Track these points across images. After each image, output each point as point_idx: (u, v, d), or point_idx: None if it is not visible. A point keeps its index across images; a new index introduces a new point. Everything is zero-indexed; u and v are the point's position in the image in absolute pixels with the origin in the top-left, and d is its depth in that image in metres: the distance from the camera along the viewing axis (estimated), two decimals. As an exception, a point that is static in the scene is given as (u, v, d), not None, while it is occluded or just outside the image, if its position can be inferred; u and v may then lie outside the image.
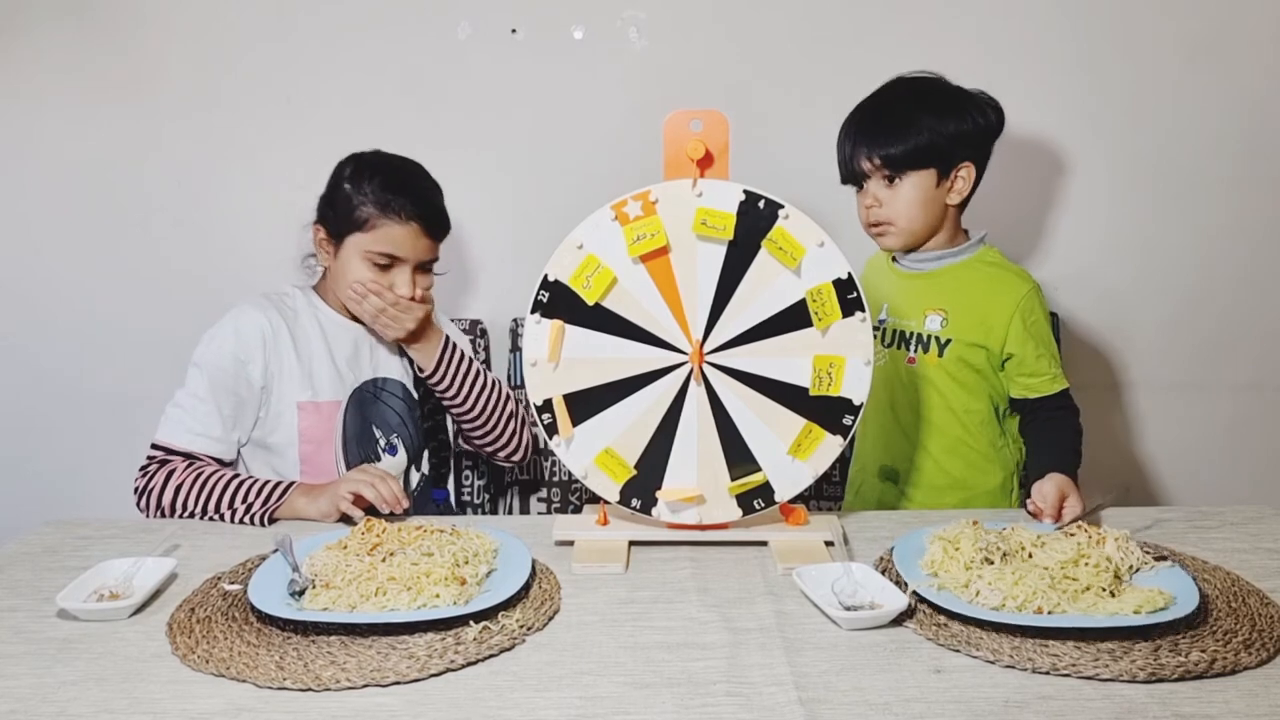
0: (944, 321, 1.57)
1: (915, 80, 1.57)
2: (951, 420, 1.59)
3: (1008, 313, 1.54)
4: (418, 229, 1.49)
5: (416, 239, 1.50)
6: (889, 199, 1.55)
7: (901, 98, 1.56)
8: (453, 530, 1.23)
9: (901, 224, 1.56)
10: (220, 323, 1.52)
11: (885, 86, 1.58)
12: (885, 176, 1.54)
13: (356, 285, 1.50)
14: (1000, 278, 1.58)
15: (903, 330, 1.61)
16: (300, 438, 1.53)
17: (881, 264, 1.68)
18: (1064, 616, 1.03)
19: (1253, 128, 1.95)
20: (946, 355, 1.57)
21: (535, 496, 1.91)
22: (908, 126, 1.52)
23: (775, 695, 0.94)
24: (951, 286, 1.58)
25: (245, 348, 1.49)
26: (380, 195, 1.48)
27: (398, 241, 1.49)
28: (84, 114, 1.93)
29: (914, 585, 1.11)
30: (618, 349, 1.28)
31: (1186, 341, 2.05)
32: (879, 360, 1.60)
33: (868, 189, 1.57)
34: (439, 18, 1.91)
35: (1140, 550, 1.16)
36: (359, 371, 1.58)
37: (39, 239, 1.98)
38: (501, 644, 1.02)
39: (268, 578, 1.13)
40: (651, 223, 1.26)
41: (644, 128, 1.42)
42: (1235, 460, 2.09)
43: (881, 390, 1.62)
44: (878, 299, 1.64)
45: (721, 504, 1.30)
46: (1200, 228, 2.00)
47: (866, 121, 1.56)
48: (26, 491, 2.03)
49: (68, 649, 1.03)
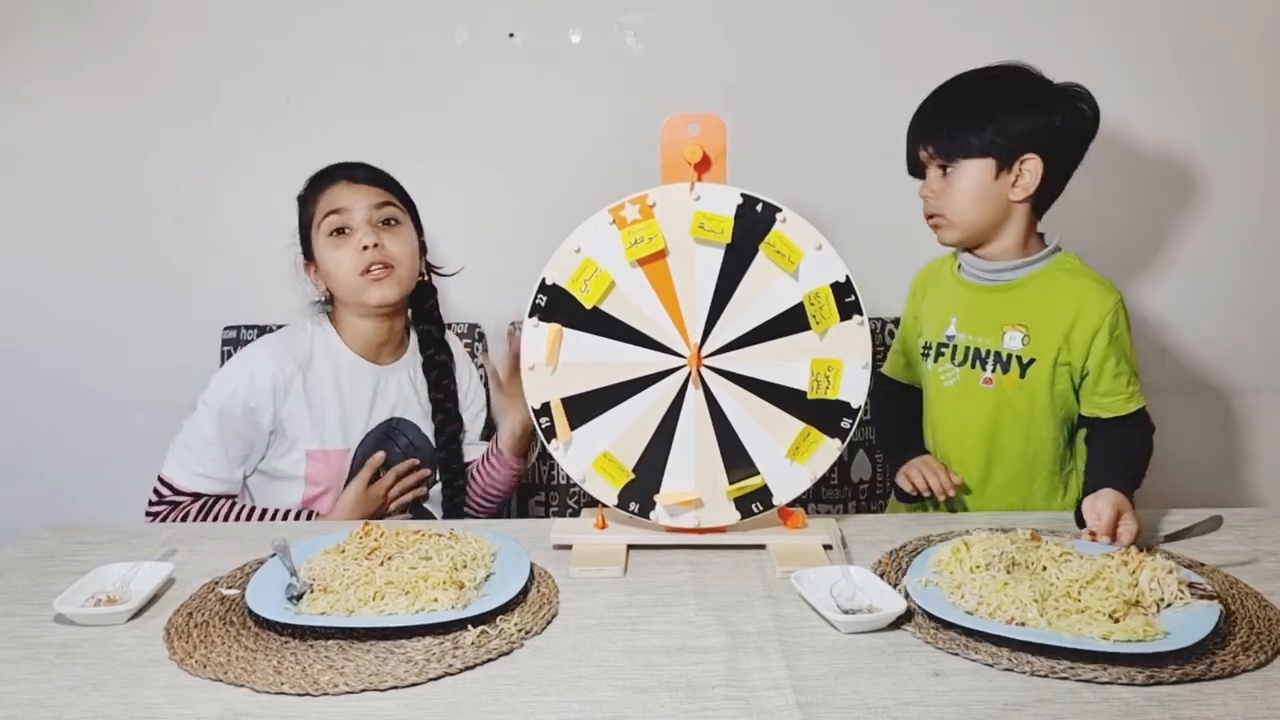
0: (1025, 339, 1.46)
1: (990, 68, 1.48)
2: (1025, 446, 1.49)
3: (1093, 327, 1.43)
4: (347, 182, 1.54)
5: (350, 190, 1.54)
6: (943, 189, 1.46)
7: (970, 85, 1.47)
8: (451, 534, 1.23)
9: (952, 216, 1.47)
10: (233, 365, 1.54)
11: (961, 74, 1.50)
12: (940, 165, 1.46)
13: None
14: (1085, 289, 1.45)
15: (977, 348, 1.50)
16: (306, 481, 1.54)
17: (944, 274, 1.59)
18: (1033, 631, 1.00)
19: (1253, 128, 1.96)
20: (1029, 376, 1.46)
21: (533, 500, 1.91)
22: (966, 113, 1.44)
23: (773, 699, 0.94)
24: (1032, 300, 1.47)
25: (256, 395, 1.50)
26: (314, 182, 1.57)
27: (335, 198, 1.53)
28: (83, 115, 1.94)
29: (906, 580, 1.12)
30: (616, 353, 1.28)
31: (1184, 345, 2.06)
32: (950, 380, 1.52)
33: (927, 179, 1.49)
34: (437, 22, 1.91)
35: (1179, 585, 1.07)
36: (375, 413, 1.58)
37: (38, 241, 1.98)
38: (500, 648, 1.02)
39: (265, 582, 1.13)
40: (649, 226, 1.26)
41: (641, 131, 1.42)
42: (1233, 462, 2.09)
43: (953, 412, 1.53)
44: (943, 312, 1.55)
45: (720, 507, 1.30)
46: (1198, 231, 2.00)
47: (929, 108, 1.49)
48: (24, 495, 2.03)
49: (65, 654, 1.03)
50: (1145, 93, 1.94)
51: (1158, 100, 1.95)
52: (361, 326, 1.58)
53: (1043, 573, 1.12)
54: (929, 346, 1.56)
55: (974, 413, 1.51)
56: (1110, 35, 1.93)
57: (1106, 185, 1.97)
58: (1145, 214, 2.00)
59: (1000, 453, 1.50)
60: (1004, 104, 1.43)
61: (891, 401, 1.67)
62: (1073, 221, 1.84)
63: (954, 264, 1.57)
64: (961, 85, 1.48)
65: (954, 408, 1.53)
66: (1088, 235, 1.96)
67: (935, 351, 1.54)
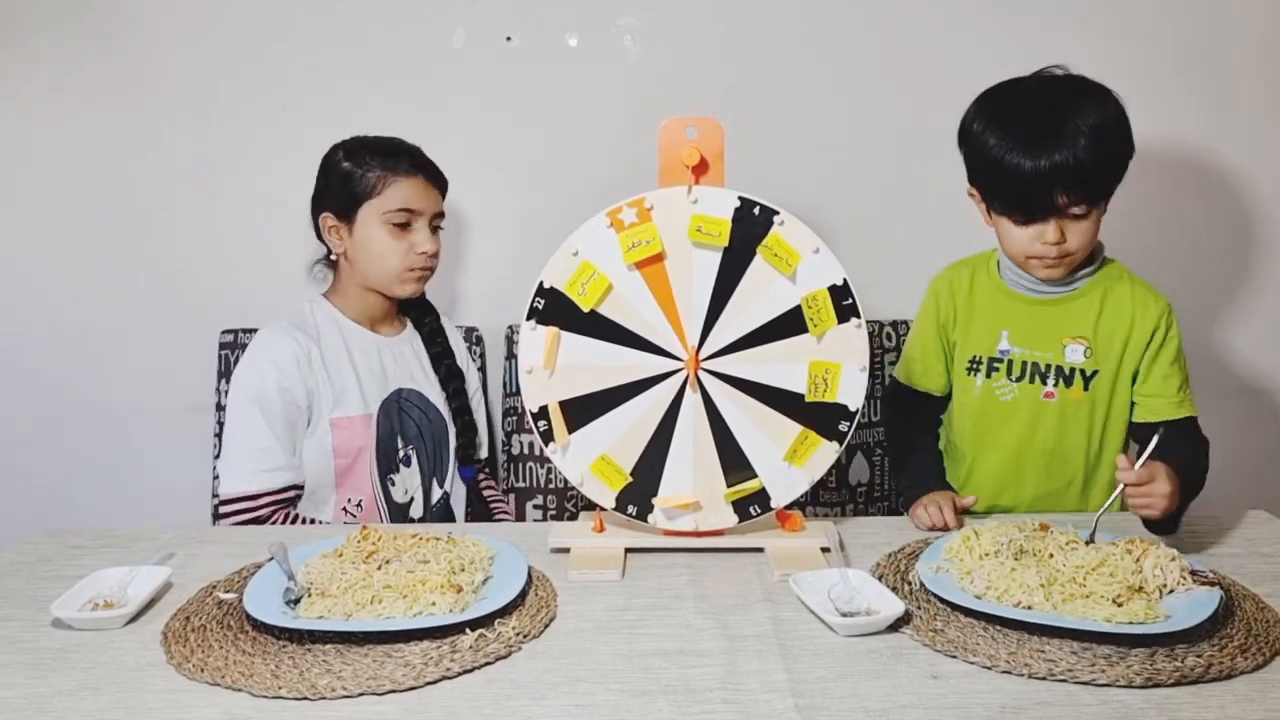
0: (1088, 351, 1.44)
1: (1093, 86, 1.38)
2: (1086, 459, 1.48)
3: (1148, 331, 1.43)
4: (423, 180, 1.59)
5: (425, 190, 1.59)
6: (1075, 231, 1.38)
7: (1100, 121, 1.35)
8: (449, 538, 1.23)
9: (1081, 254, 1.41)
10: (251, 353, 1.54)
11: (1067, 93, 1.37)
12: (1084, 209, 1.37)
13: None
14: (1139, 296, 1.45)
15: (1036, 363, 1.46)
16: (335, 453, 1.55)
17: (981, 285, 1.53)
18: (1041, 614, 1.04)
19: (1247, 130, 1.96)
20: (1093, 389, 1.45)
21: (531, 503, 1.91)
22: (1113, 157, 1.36)
23: (772, 702, 0.93)
24: (1089, 311, 1.45)
25: (285, 375, 1.51)
26: (382, 160, 1.57)
27: (410, 196, 1.57)
28: (81, 118, 1.93)
29: (919, 567, 1.14)
30: (613, 356, 1.28)
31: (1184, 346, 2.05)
32: (1007, 395, 1.49)
33: (1049, 222, 1.37)
34: (435, 25, 1.91)
35: (1182, 572, 1.10)
36: (385, 383, 1.61)
37: (34, 245, 1.97)
38: (498, 651, 1.02)
39: (263, 586, 1.13)
40: (647, 229, 1.26)
41: (639, 134, 1.42)
42: (1231, 464, 2.09)
43: (1006, 428, 1.49)
44: (991, 326, 1.50)
45: (718, 510, 1.30)
46: (1196, 231, 2.00)
47: (1065, 141, 1.32)
48: (21, 500, 2.02)
49: (62, 658, 1.02)
50: (1156, 94, 1.93)
51: (1162, 101, 1.95)
52: (367, 299, 1.63)
53: (1049, 559, 1.15)
54: (978, 361, 1.51)
55: (1035, 428, 1.48)
56: (1115, 37, 1.92)
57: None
58: (1141, 216, 2.00)
59: (1063, 466, 1.48)
60: (1125, 141, 1.38)
61: (905, 411, 1.63)
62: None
63: (991, 274, 1.52)
64: (1097, 120, 1.35)
65: (1012, 423, 1.49)
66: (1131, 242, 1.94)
67: (988, 366, 1.50)
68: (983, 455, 1.54)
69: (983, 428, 1.53)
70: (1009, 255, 1.46)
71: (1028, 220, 1.39)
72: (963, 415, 1.55)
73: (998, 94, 1.43)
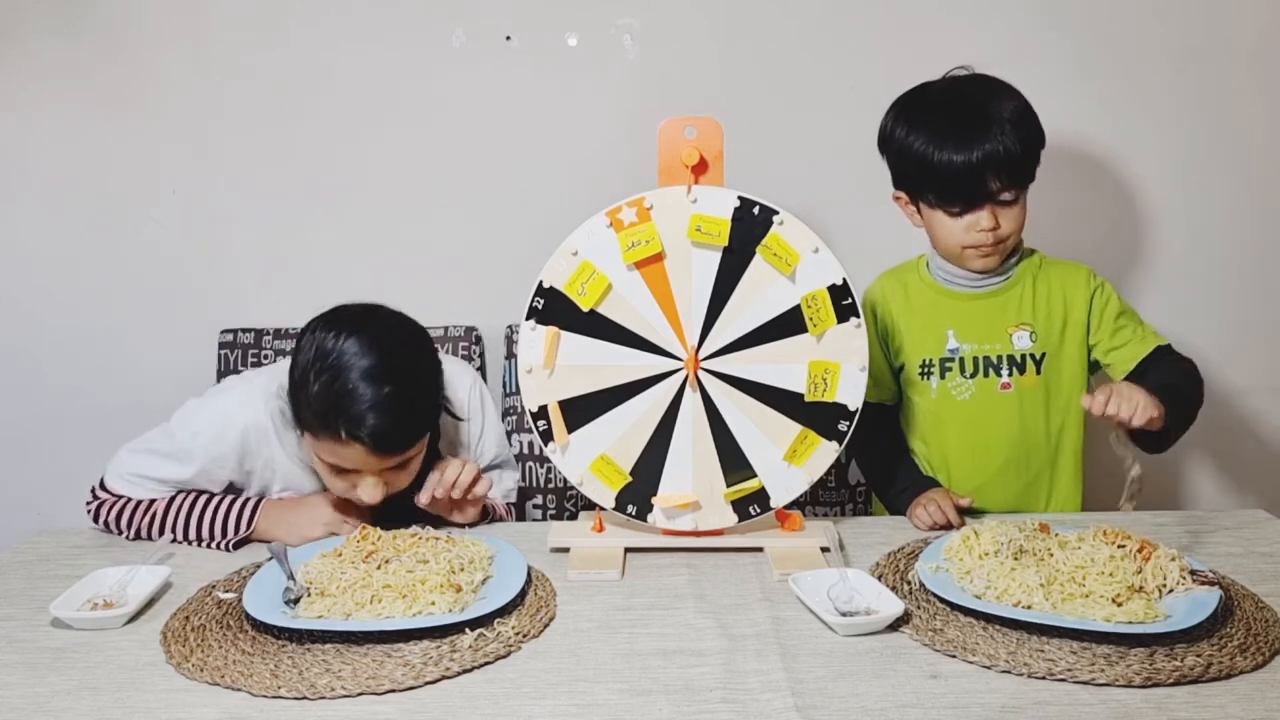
0: (1033, 335, 1.48)
1: (995, 85, 1.47)
2: (1043, 449, 1.51)
3: (1084, 301, 1.49)
4: (361, 450, 1.23)
5: (365, 456, 1.24)
6: (1009, 216, 1.44)
7: (1019, 109, 1.44)
8: (448, 537, 1.23)
9: (1013, 240, 1.47)
10: (205, 410, 1.38)
11: (980, 90, 1.46)
12: (1012, 192, 1.43)
13: None
14: (1062, 273, 1.52)
15: (988, 356, 1.50)
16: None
17: (914, 289, 1.55)
18: (1041, 614, 1.04)
19: (1246, 128, 1.96)
20: (1045, 371, 1.49)
21: (531, 503, 1.91)
22: (1032, 138, 1.43)
23: (771, 701, 0.93)
24: (1025, 296, 1.50)
25: (223, 447, 1.35)
26: (320, 406, 1.23)
27: (344, 457, 1.25)
28: (78, 125, 1.93)
29: (918, 567, 1.14)
30: (613, 355, 1.28)
31: (1179, 345, 2.05)
32: (964, 393, 1.51)
33: (984, 209, 1.43)
34: (434, 26, 1.91)
35: (1182, 572, 1.10)
36: None
37: (34, 246, 1.97)
38: (497, 651, 1.02)
39: (262, 586, 1.13)
40: (646, 229, 1.26)
41: (639, 134, 1.42)
42: (1230, 464, 2.09)
43: (969, 426, 1.51)
44: (934, 327, 1.52)
45: (717, 510, 1.30)
46: (1196, 232, 2.00)
47: (1001, 141, 1.40)
48: (20, 500, 2.02)
49: (62, 658, 1.02)
50: (1132, 94, 1.94)
51: (1144, 101, 1.95)
52: None
53: (1049, 559, 1.15)
54: (929, 364, 1.52)
55: (997, 420, 1.50)
56: (1100, 40, 1.93)
57: (1103, 186, 1.97)
58: (1133, 216, 2.00)
59: (1029, 452, 1.51)
60: (1039, 128, 1.45)
61: (871, 426, 1.54)
62: (1068, 223, 1.84)
63: (924, 277, 1.55)
64: (1013, 110, 1.43)
65: (973, 420, 1.51)
66: (1086, 237, 1.97)
67: (940, 368, 1.52)
68: (951, 460, 1.54)
69: (943, 432, 1.53)
70: (945, 250, 1.50)
71: (964, 210, 1.44)
72: (923, 421, 1.55)
73: (912, 98, 1.50)
